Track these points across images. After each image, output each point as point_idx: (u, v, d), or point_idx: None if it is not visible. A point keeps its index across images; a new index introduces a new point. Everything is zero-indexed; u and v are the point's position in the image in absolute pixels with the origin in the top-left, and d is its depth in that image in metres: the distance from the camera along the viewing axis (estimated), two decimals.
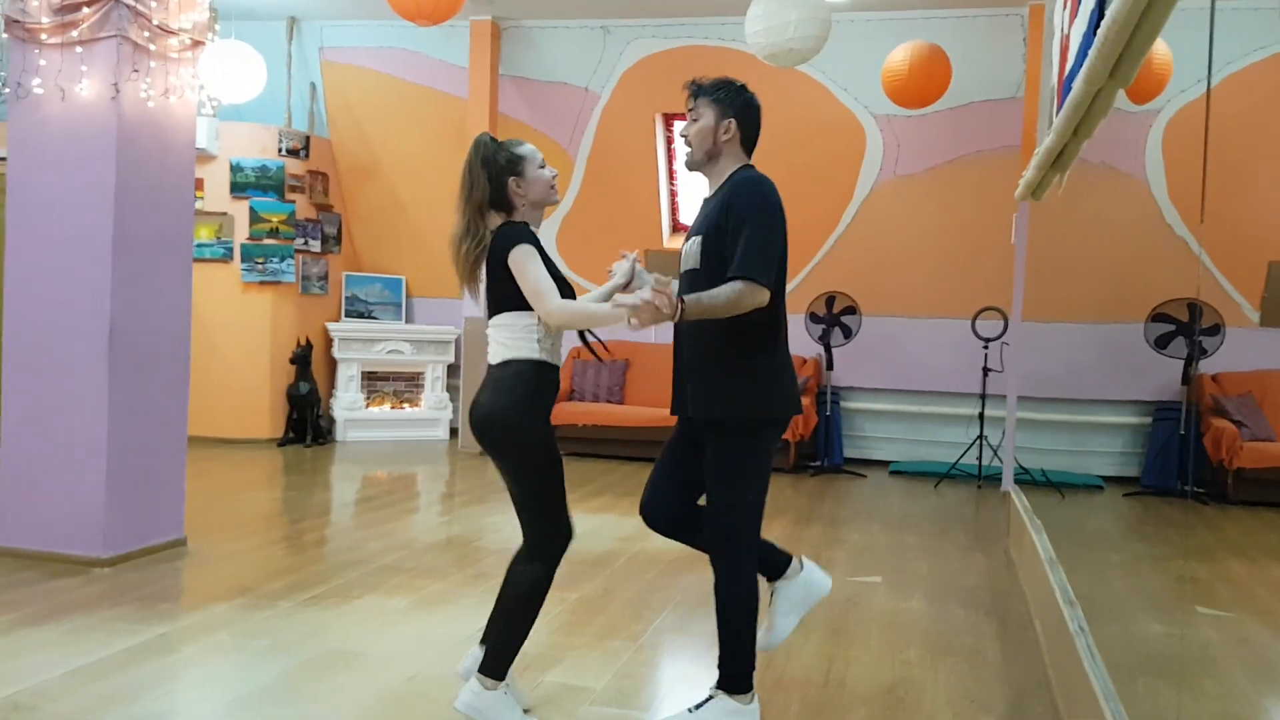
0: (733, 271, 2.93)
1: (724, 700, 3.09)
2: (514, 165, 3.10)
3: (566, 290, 3.04)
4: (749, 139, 3.23)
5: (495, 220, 3.11)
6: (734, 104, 3.18)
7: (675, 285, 3.26)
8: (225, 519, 5.86)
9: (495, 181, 3.07)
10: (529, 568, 3.04)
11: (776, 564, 3.29)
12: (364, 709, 3.21)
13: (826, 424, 8.52)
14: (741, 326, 2.99)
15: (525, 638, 3.07)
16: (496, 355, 3.07)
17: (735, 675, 3.10)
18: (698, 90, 3.24)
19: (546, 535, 3.05)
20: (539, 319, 3.01)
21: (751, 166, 3.22)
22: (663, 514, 3.24)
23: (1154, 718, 2.57)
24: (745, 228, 2.96)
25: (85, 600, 4.19)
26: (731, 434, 3.06)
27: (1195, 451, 7.47)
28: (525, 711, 3.14)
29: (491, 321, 3.09)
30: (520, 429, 2.99)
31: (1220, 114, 7.47)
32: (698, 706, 3.11)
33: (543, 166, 3.15)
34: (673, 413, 3.25)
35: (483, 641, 3.21)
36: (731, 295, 2.89)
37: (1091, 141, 4.21)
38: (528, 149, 3.15)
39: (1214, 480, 7.30)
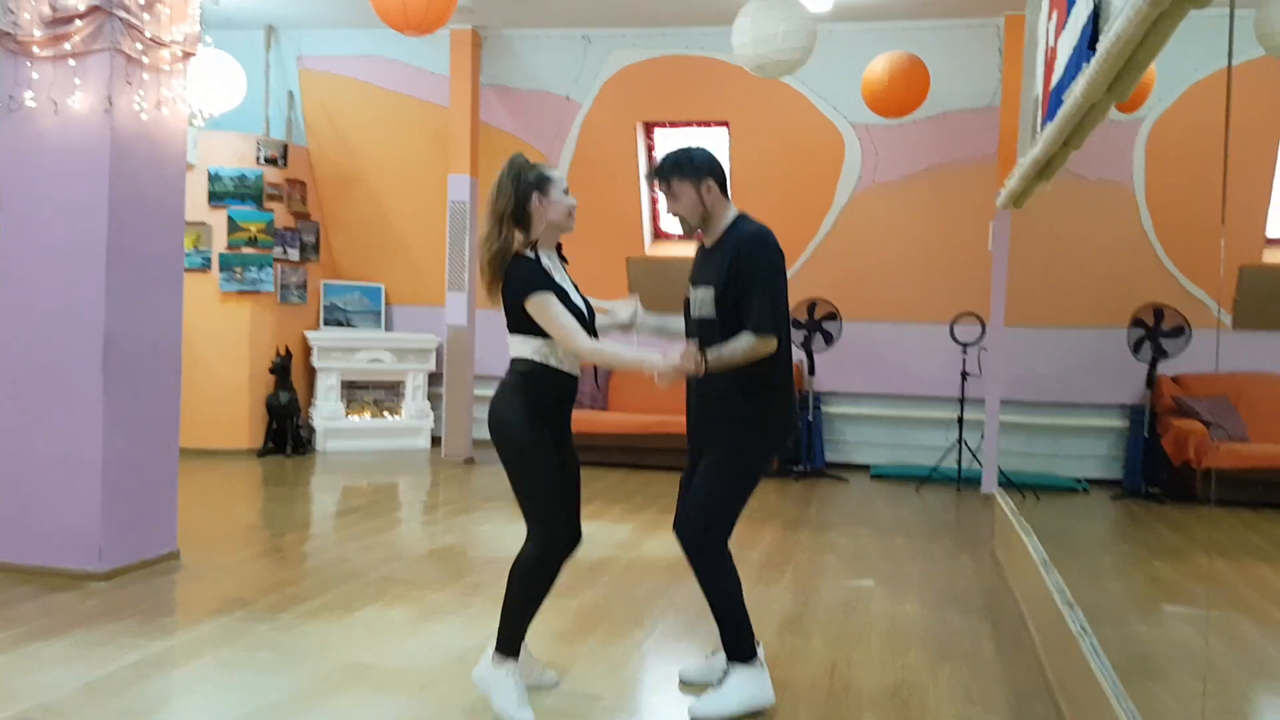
0: (747, 327, 3.30)
1: (738, 671, 3.39)
2: (541, 183, 3.29)
3: (587, 315, 3.31)
4: (724, 186, 3.50)
5: (517, 235, 3.27)
6: (702, 167, 3.45)
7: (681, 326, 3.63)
8: (214, 531, 5.84)
9: (520, 196, 3.25)
10: (523, 548, 3.29)
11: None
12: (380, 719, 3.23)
13: (808, 429, 8.60)
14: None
15: (527, 618, 3.30)
16: (512, 354, 3.32)
17: (739, 644, 3.41)
18: (665, 173, 3.48)
19: (537, 522, 3.26)
20: (553, 343, 3.24)
21: (745, 215, 3.51)
22: None
23: (1161, 715, 2.64)
24: (756, 287, 3.32)
25: (86, 614, 4.16)
26: (728, 451, 3.42)
27: (1155, 453, 7.60)
28: (538, 684, 3.45)
29: (511, 337, 3.31)
30: (507, 425, 3.23)
31: (1191, 121, 7.62)
32: (720, 682, 3.41)
33: (566, 192, 3.33)
34: (689, 443, 3.61)
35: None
36: (746, 348, 3.29)
37: (1079, 152, 4.31)
38: (556, 174, 3.35)
39: (1172, 480, 7.44)
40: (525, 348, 3.26)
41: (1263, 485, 6.93)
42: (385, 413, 9.61)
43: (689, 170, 3.44)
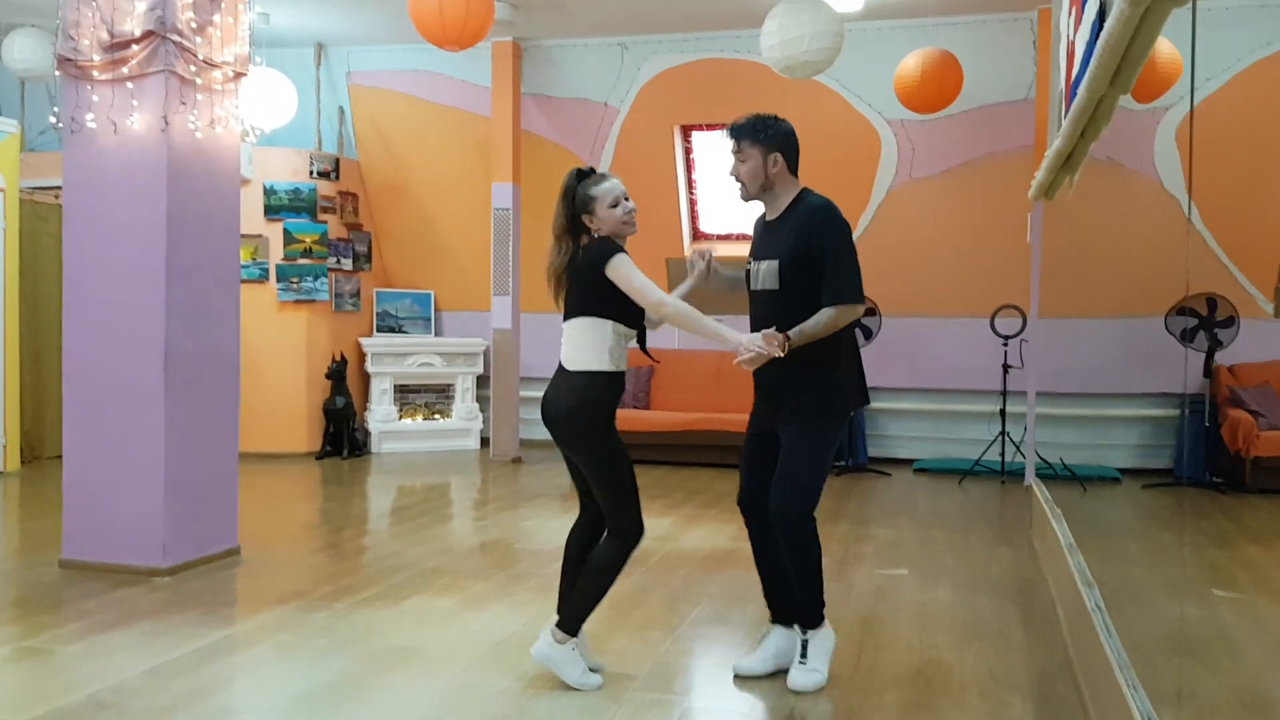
0: (831, 299, 3.40)
1: (815, 636, 3.61)
2: (587, 205, 3.47)
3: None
4: (794, 164, 3.58)
5: (583, 240, 3.50)
6: (775, 139, 3.52)
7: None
8: (274, 529, 6.10)
9: (572, 217, 3.48)
10: (609, 541, 3.51)
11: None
12: (424, 699, 3.42)
13: (850, 424, 8.68)
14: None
15: (596, 603, 3.52)
16: (570, 360, 3.49)
17: (816, 614, 3.61)
18: (738, 133, 3.54)
19: (626, 517, 3.48)
20: (612, 329, 3.42)
21: (809, 190, 3.59)
22: (763, 505, 3.63)
23: (1167, 689, 2.73)
24: (829, 256, 3.41)
25: (151, 607, 4.42)
26: (805, 424, 3.53)
27: (1215, 442, 7.58)
28: (593, 670, 3.57)
29: (567, 324, 3.50)
30: (585, 433, 3.46)
31: (1231, 110, 7.60)
32: (802, 659, 3.58)
33: (615, 205, 3.44)
34: (754, 420, 3.68)
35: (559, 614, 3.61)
36: (829, 321, 3.40)
37: (1105, 142, 4.38)
38: (602, 189, 3.45)
39: (1232, 470, 7.42)
40: (591, 354, 3.40)
41: None
42: (436, 415, 9.86)
43: (762, 137, 3.49)
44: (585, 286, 3.43)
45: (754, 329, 3.56)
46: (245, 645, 3.96)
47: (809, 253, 3.42)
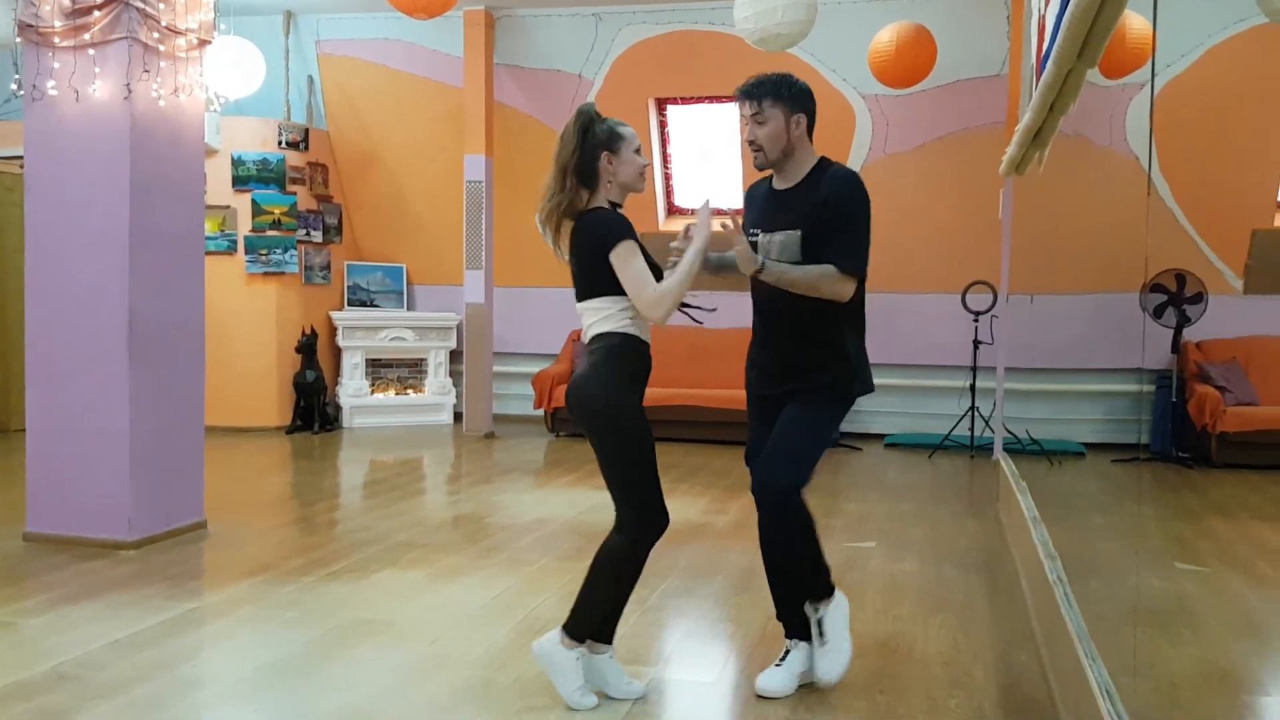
0: (831, 260, 3.12)
1: (827, 609, 3.35)
2: (613, 141, 3.07)
3: (656, 275, 3.08)
4: (813, 127, 3.31)
5: (583, 194, 3.10)
6: (799, 98, 3.22)
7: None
8: (242, 503, 6.06)
9: (587, 153, 3.06)
10: (612, 539, 3.12)
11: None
12: (390, 671, 3.41)
13: None
14: (833, 314, 3.21)
15: (604, 608, 3.15)
16: (589, 333, 3.14)
17: (825, 584, 3.34)
18: (758, 92, 3.21)
19: (631, 510, 3.09)
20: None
21: (828, 158, 3.33)
22: None
23: (1127, 660, 2.77)
24: (849, 225, 3.15)
25: (117, 580, 4.38)
26: (814, 399, 3.28)
27: (1182, 417, 7.67)
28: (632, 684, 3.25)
29: (582, 305, 3.15)
30: (610, 405, 3.04)
31: (1203, 87, 7.64)
32: (822, 639, 3.33)
33: (638, 152, 3.14)
34: (759, 389, 3.41)
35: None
36: (817, 278, 3.12)
37: (1073, 118, 4.39)
38: (629, 131, 3.13)
39: (1199, 445, 7.52)
40: (608, 320, 3.06)
41: (1270, 448, 6.99)
42: (408, 390, 9.82)
43: (786, 97, 3.18)
44: (596, 266, 3.05)
45: (765, 306, 3.32)
46: (211, 618, 3.95)
47: (830, 220, 3.15)
